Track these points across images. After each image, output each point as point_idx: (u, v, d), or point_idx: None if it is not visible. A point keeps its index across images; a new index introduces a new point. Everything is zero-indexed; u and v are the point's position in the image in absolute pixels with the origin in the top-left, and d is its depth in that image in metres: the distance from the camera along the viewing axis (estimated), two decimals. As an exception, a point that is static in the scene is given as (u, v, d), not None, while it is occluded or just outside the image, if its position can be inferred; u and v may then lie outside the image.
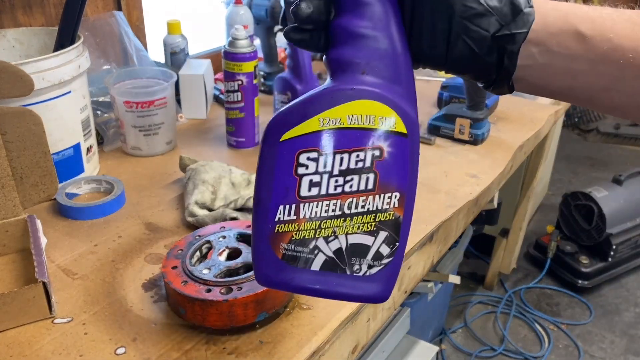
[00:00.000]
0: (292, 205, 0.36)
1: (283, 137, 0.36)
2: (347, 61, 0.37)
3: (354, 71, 0.36)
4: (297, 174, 0.36)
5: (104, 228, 0.81)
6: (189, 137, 1.14)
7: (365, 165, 0.36)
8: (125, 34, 1.18)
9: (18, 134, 0.72)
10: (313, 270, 0.37)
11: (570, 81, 0.38)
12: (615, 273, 2.14)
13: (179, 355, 0.59)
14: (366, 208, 0.37)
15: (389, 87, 0.36)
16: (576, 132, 3.46)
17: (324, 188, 0.36)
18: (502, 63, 0.38)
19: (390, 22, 0.37)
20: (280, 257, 0.37)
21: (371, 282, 0.38)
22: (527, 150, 1.24)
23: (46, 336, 0.61)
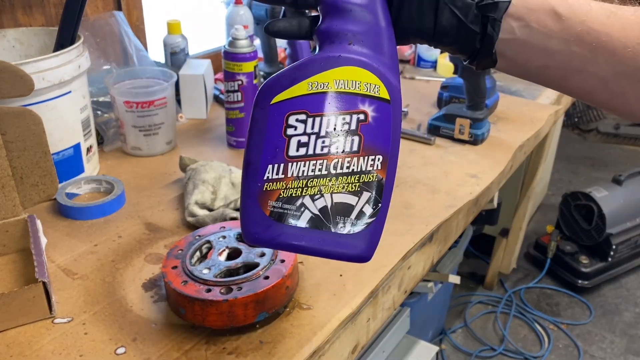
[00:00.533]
0: (281, 164, 0.38)
1: (273, 100, 0.38)
2: (335, 32, 0.39)
3: (341, 42, 0.39)
4: (286, 134, 0.38)
5: (104, 228, 0.81)
6: (189, 137, 1.14)
7: (350, 128, 0.38)
8: (125, 34, 1.18)
9: (18, 134, 0.72)
10: (299, 227, 0.39)
11: (546, 60, 0.40)
12: (615, 273, 2.14)
13: (178, 355, 0.59)
14: (351, 169, 0.38)
15: (374, 57, 0.39)
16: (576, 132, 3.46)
17: (311, 148, 0.38)
18: (486, 31, 0.40)
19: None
20: (268, 214, 0.39)
21: (354, 241, 0.39)
22: (527, 150, 1.24)
23: (46, 336, 0.61)
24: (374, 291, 0.70)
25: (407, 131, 1.15)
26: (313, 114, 0.38)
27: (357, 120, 0.38)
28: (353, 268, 0.73)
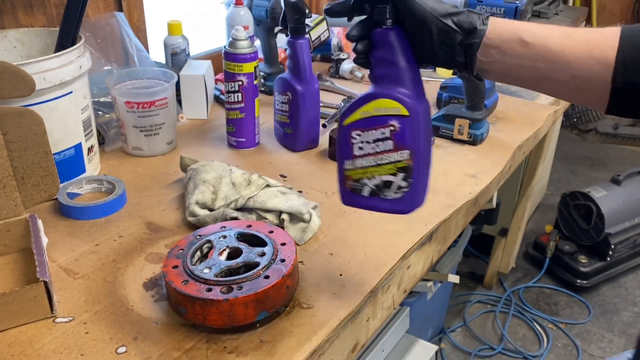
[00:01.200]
0: (351, 160, 0.62)
1: (344, 122, 0.61)
2: (376, 76, 0.60)
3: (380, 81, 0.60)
4: (351, 142, 0.61)
5: (105, 228, 0.82)
6: (189, 137, 1.14)
7: (386, 136, 0.59)
8: (126, 35, 1.18)
9: (19, 134, 0.72)
10: (364, 195, 0.62)
11: (520, 73, 0.56)
12: (614, 272, 2.14)
13: (179, 354, 0.59)
14: (389, 160, 0.60)
15: (397, 89, 0.59)
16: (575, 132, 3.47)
17: (365, 149, 0.61)
18: (468, 61, 0.57)
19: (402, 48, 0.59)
20: (349, 189, 0.63)
21: (398, 202, 0.61)
22: (526, 150, 1.24)
23: (47, 335, 0.62)
24: (373, 290, 0.71)
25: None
26: (364, 129, 0.60)
27: (389, 131, 0.59)
28: (353, 268, 0.74)
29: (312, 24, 1.51)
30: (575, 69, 0.53)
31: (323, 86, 1.45)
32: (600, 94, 0.53)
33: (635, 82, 0.52)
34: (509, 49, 0.55)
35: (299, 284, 0.70)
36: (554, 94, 0.59)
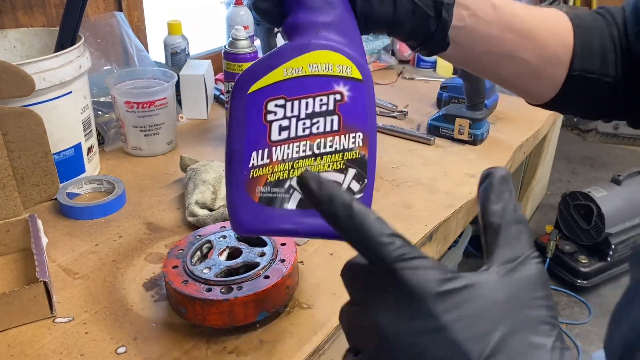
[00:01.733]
0: (265, 149, 0.39)
1: (251, 89, 0.39)
2: (303, 24, 0.41)
3: (309, 31, 0.40)
4: (267, 120, 0.39)
5: (105, 228, 0.82)
6: (189, 137, 1.14)
7: (329, 108, 0.40)
8: (126, 35, 1.18)
9: (19, 134, 0.72)
10: (289, 209, 0.40)
11: (488, 45, 0.47)
12: (614, 273, 2.14)
13: (179, 354, 0.59)
14: (334, 147, 0.40)
15: (342, 42, 0.40)
16: (575, 132, 3.47)
17: (293, 131, 0.39)
18: (441, 16, 0.45)
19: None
20: (257, 200, 0.39)
21: None
22: (526, 150, 1.24)
23: (47, 335, 0.61)
24: (373, 291, 0.71)
25: (407, 131, 1.16)
26: (291, 98, 0.39)
27: (334, 101, 0.39)
28: (353, 268, 0.74)
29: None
30: (542, 47, 0.48)
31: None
32: (554, 81, 0.50)
33: (589, 69, 0.48)
34: (481, 12, 0.46)
35: (299, 284, 0.70)
36: (509, 77, 0.51)
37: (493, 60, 0.49)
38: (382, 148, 1.10)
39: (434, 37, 0.46)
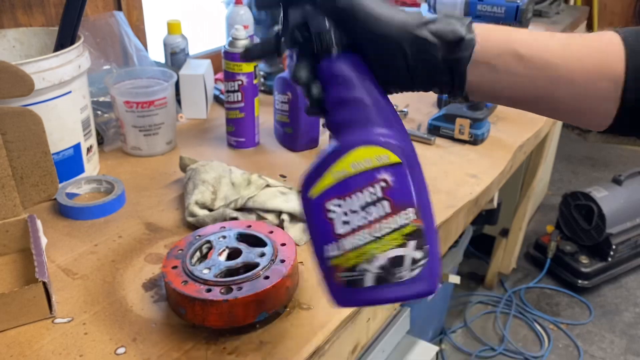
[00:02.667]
0: (334, 242, 0.45)
1: (310, 193, 0.45)
2: (338, 123, 0.46)
3: (346, 128, 0.46)
4: (329, 219, 0.45)
5: (104, 228, 0.82)
6: (189, 137, 1.14)
7: (378, 196, 0.44)
8: (125, 34, 1.18)
9: (18, 134, 0.72)
10: (369, 286, 0.45)
11: (514, 93, 0.46)
12: (615, 273, 2.14)
13: (179, 355, 0.59)
14: (391, 228, 0.44)
15: (373, 131, 0.45)
16: (576, 132, 3.47)
17: (353, 223, 0.44)
18: (454, 81, 0.46)
19: (364, 79, 0.46)
20: (341, 283, 0.46)
21: (417, 282, 0.45)
22: (527, 150, 1.24)
23: (46, 336, 0.61)
24: (374, 291, 0.70)
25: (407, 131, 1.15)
26: (343, 196, 0.44)
27: (380, 188, 0.44)
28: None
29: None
30: (579, 86, 0.44)
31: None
32: (605, 114, 0.45)
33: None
34: (502, 65, 0.45)
35: (299, 284, 0.69)
36: (549, 114, 0.49)
37: (524, 103, 0.48)
38: (382, 148, 1.10)
39: (451, 94, 0.48)
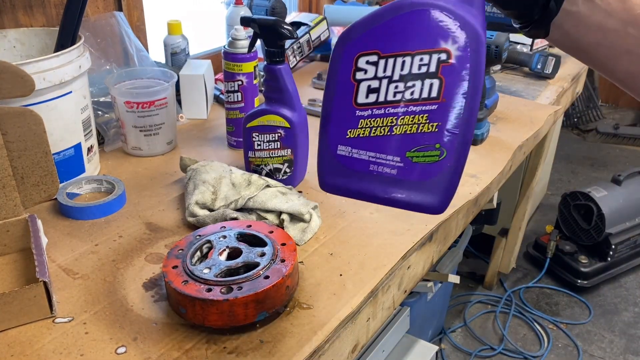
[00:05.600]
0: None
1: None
2: None
3: None
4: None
5: (105, 228, 0.82)
6: (189, 137, 1.14)
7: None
8: (125, 35, 1.18)
9: (19, 134, 0.72)
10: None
11: (601, 37, 0.41)
12: (615, 273, 2.14)
13: (179, 354, 0.59)
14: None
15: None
16: (575, 132, 3.47)
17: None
18: (548, 4, 0.40)
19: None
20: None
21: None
22: (526, 150, 1.24)
23: (47, 336, 0.61)
24: (373, 291, 0.71)
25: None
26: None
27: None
28: (353, 268, 0.74)
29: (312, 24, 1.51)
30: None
31: (323, 86, 1.45)
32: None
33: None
34: (600, 0, 0.40)
35: (299, 284, 0.70)
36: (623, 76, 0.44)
37: (605, 54, 0.42)
38: (382, 148, 1.10)
39: (536, 23, 0.42)
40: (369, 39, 0.36)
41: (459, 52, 0.35)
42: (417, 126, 0.36)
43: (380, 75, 0.36)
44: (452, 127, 0.36)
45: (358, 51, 0.36)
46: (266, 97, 0.89)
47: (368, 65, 0.36)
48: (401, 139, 0.36)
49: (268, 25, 0.87)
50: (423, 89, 0.35)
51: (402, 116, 0.36)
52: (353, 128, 0.37)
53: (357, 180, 0.38)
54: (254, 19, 0.88)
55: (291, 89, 0.88)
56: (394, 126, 0.36)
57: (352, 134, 0.37)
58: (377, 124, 0.36)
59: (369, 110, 0.36)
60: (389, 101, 0.36)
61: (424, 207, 0.38)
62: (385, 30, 0.35)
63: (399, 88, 0.36)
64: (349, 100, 0.37)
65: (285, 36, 0.86)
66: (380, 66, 0.36)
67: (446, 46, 0.35)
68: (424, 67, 0.35)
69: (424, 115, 0.36)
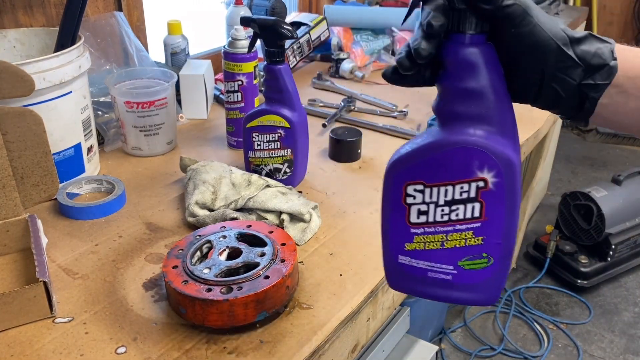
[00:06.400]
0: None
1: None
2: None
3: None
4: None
5: (105, 228, 0.82)
6: (189, 137, 1.14)
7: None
8: (125, 35, 1.18)
9: (19, 134, 0.72)
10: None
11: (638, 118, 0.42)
12: (615, 273, 2.14)
13: (179, 354, 0.59)
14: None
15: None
16: (575, 132, 3.47)
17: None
18: (583, 105, 0.42)
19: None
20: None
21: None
22: (526, 150, 1.24)
23: (47, 335, 0.61)
24: (373, 290, 0.71)
25: (407, 131, 1.16)
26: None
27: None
28: (353, 268, 0.74)
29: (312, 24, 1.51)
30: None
31: (323, 86, 1.45)
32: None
33: None
34: (634, 88, 0.41)
35: (299, 284, 0.70)
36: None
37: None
38: (381, 148, 1.11)
39: (573, 118, 0.45)
40: (415, 170, 0.41)
41: (495, 178, 0.39)
42: (465, 240, 0.41)
43: (427, 200, 0.41)
44: (495, 239, 0.41)
45: (406, 180, 0.41)
46: (266, 97, 0.89)
47: (416, 192, 0.41)
48: (452, 251, 0.42)
49: (268, 25, 0.87)
50: (466, 211, 0.41)
51: (450, 233, 0.41)
52: (409, 242, 0.43)
53: (419, 284, 0.44)
54: (254, 19, 0.88)
55: (291, 89, 0.88)
56: (445, 241, 0.42)
57: (409, 247, 0.43)
58: (429, 240, 0.42)
59: (421, 228, 0.42)
60: (437, 221, 0.41)
61: (480, 302, 0.44)
62: (429, 164, 0.40)
63: (445, 211, 0.41)
64: (403, 219, 0.42)
65: (285, 36, 0.86)
66: (426, 193, 0.41)
67: (483, 175, 0.39)
68: (465, 194, 0.40)
69: (469, 232, 0.41)
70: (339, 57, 1.52)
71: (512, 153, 0.40)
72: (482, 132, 0.40)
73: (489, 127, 0.40)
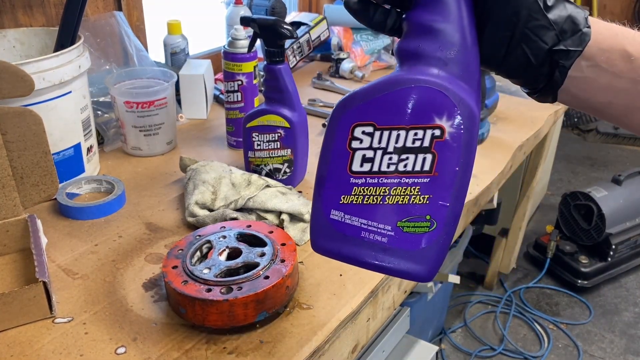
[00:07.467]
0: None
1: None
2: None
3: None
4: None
5: (105, 228, 0.82)
6: (189, 137, 1.14)
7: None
8: (125, 34, 1.18)
9: (18, 134, 0.72)
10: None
11: (611, 97, 0.41)
12: (615, 273, 2.14)
13: (179, 354, 0.59)
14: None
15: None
16: (575, 132, 3.47)
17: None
18: (553, 75, 0.40)
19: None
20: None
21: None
22: (526, 150, 1.24)
23: (47, 336, 0.61)
24: (373, 291, 0.71)
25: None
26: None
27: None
28: (353, 268, 0.74)
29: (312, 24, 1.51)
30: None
31: (323, 86, 1.45)
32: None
33: None
34: (606, 63, 0.40)
35: (299, 284, 0.70)
36: (638, 127, 0.43)
37: (617, 112, 0.42)
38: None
39: (542, 91, 0.43)
40: (367, 109, 0.37)
41: (453, 129, 0.36)
42: (409, 197, 0.37)
43: (375, 146, 0.37)
44: (443, 200, 0.37)
45: (355, 120, 0.37)
46: (266, 97, 0.89)
47: (364, 135, 0.37)
48: (393, 208, 0.38)
49: (268, 25, 0.87)
50: (416, 163, 0.37)
51: (394, 187, 0.38)
52: (346, 194, 0.39)
53: (348, 245, 0.40)
54: (253, 18, 0.88)
55: (291, 89, 0.88)
56: (387, 196, 0.38)
57: (346, 200, 0.39)
58: (370, 193, 0.38)
59: (362, 178, 0.38)
60: (382, 171, 0.37)
61: (411, 276, 0.39)
62: (383, 103, 0.37)
63: (393, 160, 0.37)
64: (344, 167, 0.38)
65: (285, 36, 0.86)
66: (375, 137, 0.37)
67: (440, 123, 0.36)
68: (418, 142, 0.37)
69: (416, 188, 0.37)
70: (339, 57, 1.52)
71: (475, 104, 0.37)
72: (446, 74, 0.37)
73: (453, 71, 0.37)
